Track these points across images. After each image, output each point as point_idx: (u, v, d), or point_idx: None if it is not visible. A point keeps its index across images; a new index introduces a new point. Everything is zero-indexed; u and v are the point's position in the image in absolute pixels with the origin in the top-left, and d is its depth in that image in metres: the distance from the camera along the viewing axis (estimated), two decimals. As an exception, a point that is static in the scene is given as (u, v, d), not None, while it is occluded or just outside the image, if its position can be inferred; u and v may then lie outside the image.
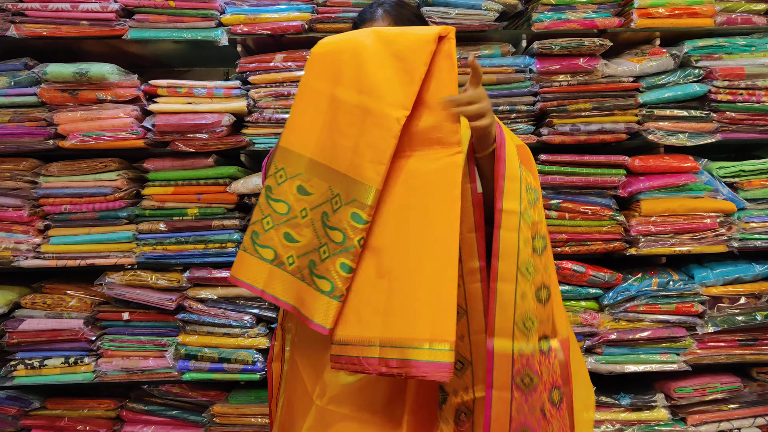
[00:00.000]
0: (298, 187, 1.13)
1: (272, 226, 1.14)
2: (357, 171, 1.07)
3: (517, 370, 1.06)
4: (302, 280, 1.11)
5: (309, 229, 1.12)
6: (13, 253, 2.07)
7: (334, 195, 1.10)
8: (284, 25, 2.03)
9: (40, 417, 2.15)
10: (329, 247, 1.09)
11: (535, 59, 2.07)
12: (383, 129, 1.06)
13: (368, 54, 1.11)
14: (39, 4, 1.98)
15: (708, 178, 2.10)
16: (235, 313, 2.06)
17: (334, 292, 1.07)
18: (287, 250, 1.12)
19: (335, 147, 1.11)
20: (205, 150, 2.04)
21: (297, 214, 1.13)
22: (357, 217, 1.06)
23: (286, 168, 1.15)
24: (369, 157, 1.07)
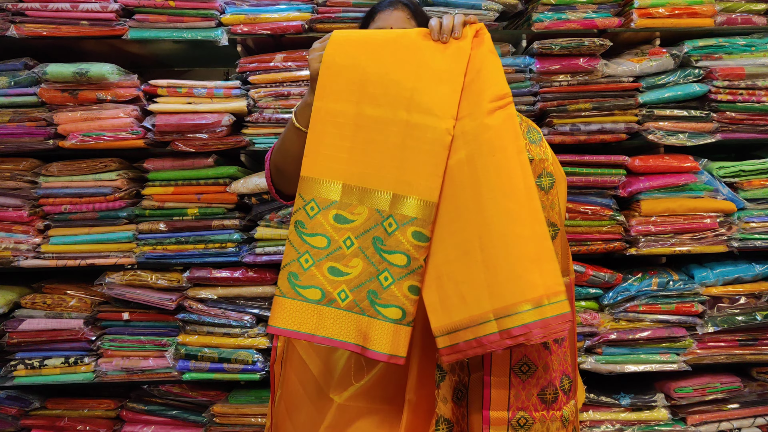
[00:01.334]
0: (335, 216, 1.05)
1: (312, 263, 1.05)
2: (410, 188, 1.03)
3: None
4: (362, 314, 1.03)
5: (359, 259, 1.04)
6: (13, 253, 2.07)
7: (384, 217, 1.04)
8: (284, 25, 2.03)
9: (40, 417, 2.15)
10: (391, 272, 1.03)
11: (535, 59, 2.07)
12: (433, 142, 1.03)
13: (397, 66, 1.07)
14: (39, 4, 1.98)
15: (708, 178, 2.10)
16: (235, 313, 2.06)
17: (405, 318, 1.02)
18: (337, 286, 1.04)
19: (374, 168, 1.06)
20: (205, 150, 2.04)
21: (340, 245, 1.05)
22: (420, 236, 1.03)
23: (317, 199, 1.06)
24: (422, 172, 1.03)
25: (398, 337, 1.02)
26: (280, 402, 1.42)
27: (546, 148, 1.21)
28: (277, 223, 2.06)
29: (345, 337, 1.04)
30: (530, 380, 1.08)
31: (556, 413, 1.09)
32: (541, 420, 1.07)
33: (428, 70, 1.07)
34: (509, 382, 1.07)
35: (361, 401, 1.19)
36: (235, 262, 2.07)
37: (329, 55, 1.11)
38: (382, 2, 1.44)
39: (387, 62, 1.08)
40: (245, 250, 2.08)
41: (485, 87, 1.04)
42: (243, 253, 2.07)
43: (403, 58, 1.09)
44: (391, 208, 1.04)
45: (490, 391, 1.06)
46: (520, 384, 1.07)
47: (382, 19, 1.39)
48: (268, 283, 2.07)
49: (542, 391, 1.08)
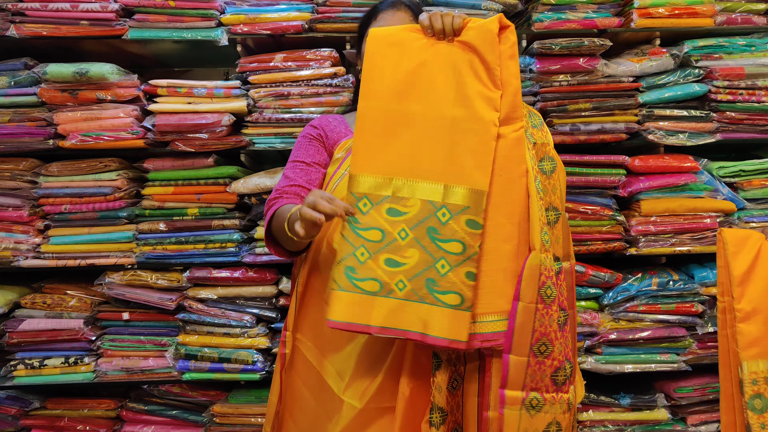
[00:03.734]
0: (388, 209, 1.09)
1: (369, 256, 1.08)
2: (462, 179, 1.08)
3: (542, 282, 1.10)
4: (421, 302, 1.06)
5: (415, 249, 1.08)
6: (13, 253, 2.07)
7: (438, 208, 1.08)
8: (284, 25, 2.03)
9: (40, 417, 2.14)
10: (448, 260, 1.06)
11: (535, 59, 2.07)
12: (482, 134, 1.08)
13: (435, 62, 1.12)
14: (39, 4, 1.98)
15: (708, 178, 2.10)
16: (235, 313, 2.06)
17: (464, 304, 1.06)
18: (394, 276, 1.07)
19: (424, 161, 1.10)
20: (205, 150, 2.04)
21: (395, 236, 1.08)
22: (473, 224, 1.07)
23: (369, 195, 1.10)
24: (472, 163, 1.08)
25: (458, 321, 1.05)
26: (284, 409, 1.42)
27: (547, 133, 1.24)
28: (277, 223, 2.06)
29: (405, 325, 1.06)
30: (546, 361, 1.11)
31: (564, 396, 1.12)
32: (551, 402, 1.11)
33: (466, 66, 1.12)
34: (527, 362, 1.09)
35: (374, 402, 1.21)
36: (235, 262, 2.07)
37: (370, 54, 1.14)
38: (384, 1, 1.46)
39: (427, 59, 1.12)
40: (245, 250, 2.08)
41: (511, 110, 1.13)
42: (243, 253, 2.07)
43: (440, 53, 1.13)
44: (444, 198, 1.08)
45: (508, 369, 1.08)
46: (537, 364, 1.10)
47: (384, 19, 1.41)
48: (268, 283, 2.07)
49: (555, 372, 1.12)
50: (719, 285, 1.57)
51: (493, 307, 1.09)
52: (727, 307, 1.53)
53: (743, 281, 1.51)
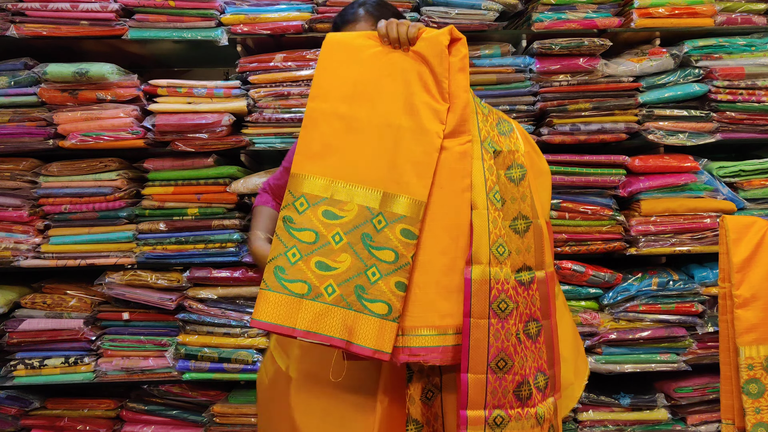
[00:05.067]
0: (324, 212, 1.08)
1: (300, 257, 1.05)
2: (401, 188, 1.07)
3: (493, 297, 1.07)
4: (348, 308, 1.04)
5: (347, 254, 1.06)
6: (13, 252, 2.07)
7: (374, 215, 1.07)
8: (284, 25, 2.03)
9: (40, 417, 2.14)
10: (379, 268, 1.04)
11: (535, 59, 2.07)
12: (425, 144, 1.07)
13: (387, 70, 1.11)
14: (39, 4, 1.98)
15: (708, 177, 2.10)
16: (235, 313, 2.06)
17: (391, 314, 1.04)
18: (324, 280, 1.05)
19: (365, 167, 1.09)
20: (205, 150, 2.04)
21: (329, 240, 1.06)
22: (409, 234, 1.05)
23: (306, 195, 1.09)
24: (413, 173, 1.07)
25: (384, 332, 1.03)
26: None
27: (517, 140, 1.21)
28: (277, 223, 2.06)
29: (330, 331, 1.03)
30: (506, 376, 1.08)
31: (531, 410, 1.09)
32: (516, 417, 1.08)
33: (415, 77, 1.11)
34: (486, 380, 1.06)
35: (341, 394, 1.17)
36: (235, 261, 2.07)
37: (324, 57, 1.13)
38: (344, 15, 1.42)
39: (379, 67, 1.12)
40: (245, 250, 2.08)
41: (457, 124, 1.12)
42: (243, 253, 2.07)
43: (393, 62, 1.12)
44: (381, 206, 1.07)
45: (467, 389, 1.05)
46: (497, 381, 1.07)
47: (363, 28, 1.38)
48: (268, 283, 2.07)
49: (518, 387, 1.09)
50: (720, 271, 1.58)
51: (423, 321, 1.06)
52: (727, 293, 1.55)
53: (743, 268, 1.52)
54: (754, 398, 1.48)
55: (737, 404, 1.51)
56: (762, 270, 1.51)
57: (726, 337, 1.56)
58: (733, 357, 1.53)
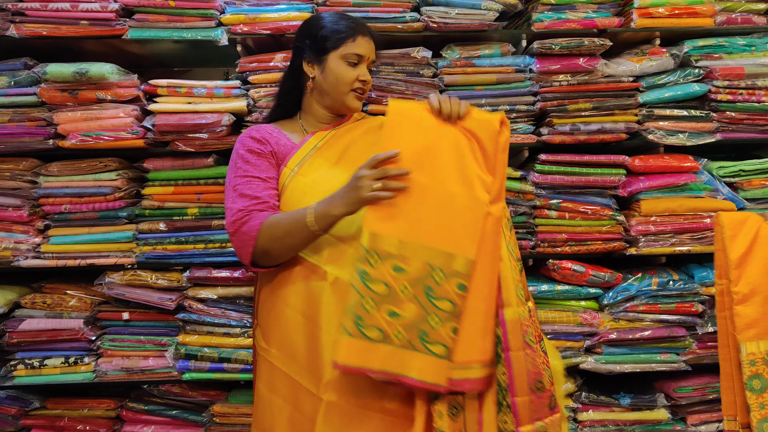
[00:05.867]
0: (394, 266, 1.23)
1: (374, 306, 1.21)
2: (456, 247, 1.23)
3: (524, 331, 1.28)
4: (414, 350, 1.21)
5: (412, 303, 1.22)
6: (13, 252, 2.07)
7: (434, 269, 1.23)
8: (284, 25, 2.03)
9: (40, 417, 2.14)
10: (438, 316, 1.22)
11: (535, 59, 2.08)
12: (476, 211, 1.26)
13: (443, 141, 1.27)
14: (39, 4, 1.98)
15: (708, 177, 2.10)
16: (235, 313, 2.06)
17: (447, 355, 1.22)
18: (393, 326, 1.21)
19: (427, 228, 1.25)
20: (205, 150, 2.04)
21: (397, 291, 1.22)
22: (462, 287, 1.23)
23: (379, 251, 1.23)
24: (465, 235, 1.24)
25: (440, 368, 1.21)
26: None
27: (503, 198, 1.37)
28: (277, 222, 2.06)
29: (399, 370, 1.21)
30: (543, 394, 1.30)
31: (557, 415, 1.33)
32: (550, 424, 1.31)
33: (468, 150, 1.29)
34: (530, 400, 1.28)
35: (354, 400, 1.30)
36: (235, 261, 2.06)
37: (390, 125, 1.28)
38: (356, 26, 1.49)
39: (436, 137, 1.27)
40: (245, 249, 2.08)
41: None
42: (243, 252, 2.07)
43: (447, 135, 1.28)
44: (441, 262, 1.23)
45: (518, 410, 1.27)
46: (538, 399, 1.29)
47: (362, 46, 1.49)
48: (268, 283, 2.07)
49: (549, 400, 1.31)
50: (716, 268, 1.58)
51: (467, 357, 1.24)
52: (725, 289, 1.55)
53: (740, 264, 1.52)
54: (758, 394, 1.48)
55: (740, 401, 1.51)
56: (759, 265, 1.51)
57: (725, 334, 1.56)
58: (733, 353, 1.53)
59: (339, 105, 1.53)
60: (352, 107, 1.54)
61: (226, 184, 1.45)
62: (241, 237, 1.36)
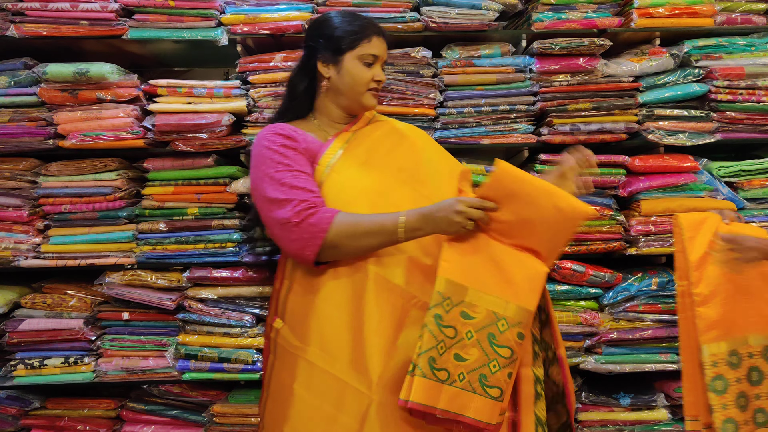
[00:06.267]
0: (462, 312, 1.30)
1: (445, 349, 1.29)
2: (520, 300, 1.32)
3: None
4: (473, 392, 1.29)
5: (476, 349, 1.29)
6: (13, 252, 2.07)
7: (498, 318, 1.30)
8: (284, 25, 2.03)
9: (40, 417, 2.15)
10: (498, 362, 1.29)
11: (535, 59, 2.08)
12: (539, 270, 1.35)
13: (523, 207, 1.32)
14: (39, 4, 1.98)
15: (708, 177, 2.10)
16: (235, 313, 2.06)
17: (502, 397, 1.29)
18: (458, 369, 1.29)
19: (493, 278, 1.32)
20: (205, 150, 2.04)
21: (463, 336, 1.30)
22: (521, 336, 1.31)
23: (452, 297, 1.30)
24: (529, 288, 1.33)
25: (494, 410, 1.29)
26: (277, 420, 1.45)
27: None
28: (277, 222, 2.06)
29: (459, 410, 1.28)
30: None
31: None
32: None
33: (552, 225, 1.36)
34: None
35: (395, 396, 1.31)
36: (235, 261, 2.07)
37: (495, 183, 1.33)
38: (371, 27, 1.49)
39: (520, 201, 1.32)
40: (245, 249, 2.08)
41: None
42: (243, 252, 2.07)
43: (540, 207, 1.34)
44: (505, 312, 1.31)
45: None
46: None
47: (377, 46, 1.50)
48: (268, 283, 2.07)
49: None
50: (677, 269, 1.58)
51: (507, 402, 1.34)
52: (686, 291, 1.54)
53: (700, 265, 1.51)
54: (720, 395, 1.47)
55: (703, 401, 1.50)
56: (718, 266, 1.51)
57: (687, 335, 1.56)
58: (696, 354, 1.52)
59: (355, 105, 1.53)
60: (368, 106, 1.53)
61: (259, 178, 1.42)
62: (308, 228, 1.33)
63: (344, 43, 1.47)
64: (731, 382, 1.49)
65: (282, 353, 1.46)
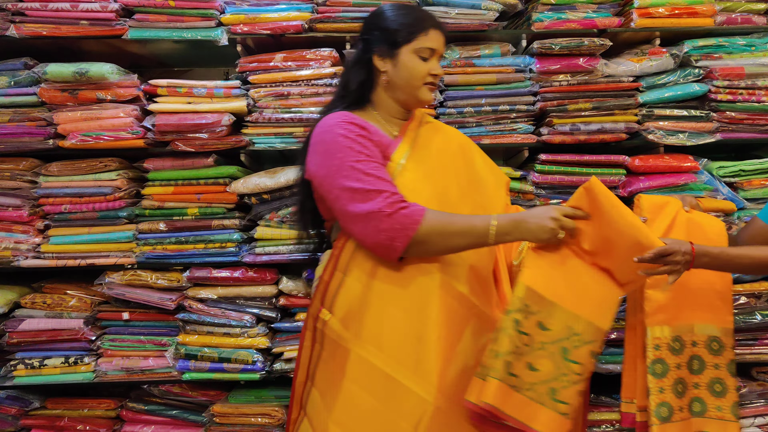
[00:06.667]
0: (539, 323, 1.31)
1: (518, 356, 1.29)
2: (595, 318, 1.34)
3: None
4: (542, 404, 1.29)
5: (548, 361, 1.30)
6: (13, 252, 2.07)
7: (573, 333, 1.32)
8: (284, 25, 2.03)
9: (40, 417, 2.15)
10: (570, 378, 1.30)
11: (535, 59, 2.08)
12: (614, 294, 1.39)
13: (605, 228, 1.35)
14: (39, 4, 1.98)
15: (708, 177, 2.10)
16: (235, 313, 2.06)
17: (568, 413, 1.30)
18: (529, 378, 1.29)
19: (573, 294, 1.35)
20: (205, 150, 2.04)
21: (538, 346, 1.31)
22: (594, 354, 1.33)
23: (531, 305, 1.32)
24: (605, 308, 1.36)
25: (562, 424, 1.29)
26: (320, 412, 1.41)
27: None
28: (277, 222, 2.06)
29: (526, 419, 1.28)
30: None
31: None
32: None
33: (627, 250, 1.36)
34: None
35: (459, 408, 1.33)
36: (235, 261, 2.07)
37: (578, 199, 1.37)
38: (428, 20, 1.48)
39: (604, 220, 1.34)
40: (245, 249, 2.08)
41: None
42: (243, 252, 2.07)
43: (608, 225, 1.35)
44: (582, 329, 1.33)
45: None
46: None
47: (434, 39, 1.47)
48: (268, 283, 2.07)
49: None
50: None
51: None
52: None
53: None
54: (659, 378, 1.48)
55: (641, 384, 1.51)
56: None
57: (633, 316, 1.56)
58: (640, 336, 1.52)
59: (411, 99, 1.51)
60: (425, 100, 1.51)
61: (336, 167, 1.36)
62: (401, 220, 1.30)
63: (400, 36, 1.44)
64: (671, 367, 1.50)
65: (331, 344, 1.41)
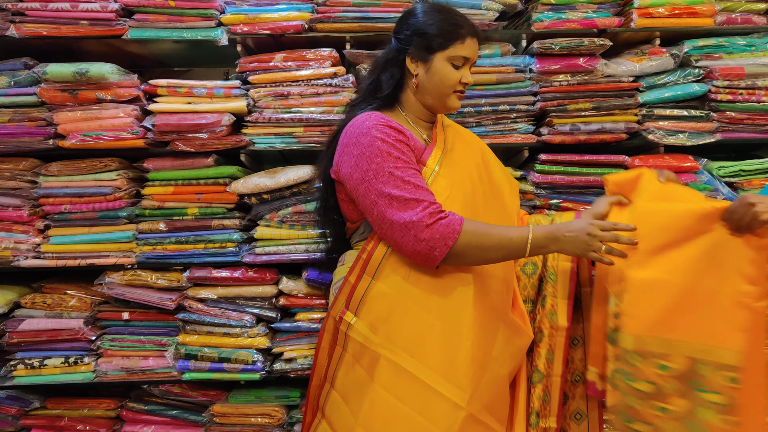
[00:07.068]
0: (658, 365, 1.29)
1: (641, 403, 1.29)
2: (718, 339, 1.26)
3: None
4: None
5: (681, 398, 1.28)
6: (13, 252, 2.07)
7: (698, 363, 1.27)
8: (284, 25, 2.03)
9: (40, 417, 2.15)
10: (711, 409, 1.26)
11: (535, 59, 2.08)
12: (739, 307, 1.27)
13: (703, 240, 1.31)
14: (39, 4, 1.98)
15: (708, 177, 2.10)
16: (235, 313, 2.06)
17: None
18: (663, 421, 1.28)
19: (686, 322, 1.28)
20: (205, 150, 2.04)
21: (664, 388, 1.28)
22: (733, 379, 1.26)
23: (641, 352, 1.31)
24: (728, 328, 1.26)
25: None
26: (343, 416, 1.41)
27: None
28: (277, 222, 2.06)
29: None
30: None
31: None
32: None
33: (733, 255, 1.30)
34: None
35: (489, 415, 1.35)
36: (235, 261, 2.07)
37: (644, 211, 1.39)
38: (465, 26, 1.46)
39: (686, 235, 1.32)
40: (245, 249, 2.08)
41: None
42: (243, 252, 2.07)
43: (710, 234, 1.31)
44: (705, 355, 1.27)
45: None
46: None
47: (470, 47, 1.47)
48: (268, 283, 2.07)
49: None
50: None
51: None
52: None
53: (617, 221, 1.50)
54: (615, 345, 1.47)
55: (602, 351, 1.50)
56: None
57: (602, 286, 1.55)
58: (605, 305, 1.51)
59: (439, 105, 1.51)
60: (452, 107, 1.52)
61: (374, 172, 1.35)
62: (441, 230, 1.30)
63: (436, 42, 1.44)
64: None
65: (356, 347, 1.40)
